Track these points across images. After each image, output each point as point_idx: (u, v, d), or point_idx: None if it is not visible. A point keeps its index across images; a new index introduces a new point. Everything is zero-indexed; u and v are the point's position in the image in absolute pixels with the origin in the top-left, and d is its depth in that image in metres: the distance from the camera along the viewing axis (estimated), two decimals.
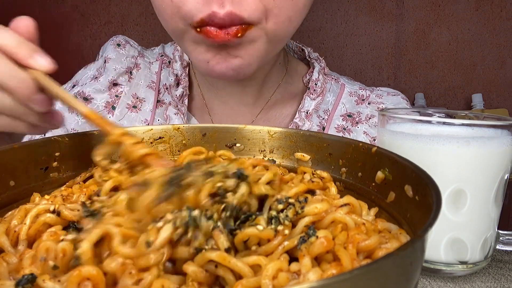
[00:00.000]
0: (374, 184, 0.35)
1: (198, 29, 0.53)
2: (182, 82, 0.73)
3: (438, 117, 0.47)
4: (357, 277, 0.18)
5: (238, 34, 0.53)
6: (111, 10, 1.47)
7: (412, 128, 0.43)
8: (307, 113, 0.71)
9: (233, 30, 0.52)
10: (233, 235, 0.27)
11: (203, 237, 0.26)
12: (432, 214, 0.23)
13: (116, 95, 0.72)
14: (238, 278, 0.25)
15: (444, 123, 0.42)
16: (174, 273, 0.26)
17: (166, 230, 0.25)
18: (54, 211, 0.31)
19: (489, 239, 0.43)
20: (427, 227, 0.22)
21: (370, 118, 0.73)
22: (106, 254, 0.25)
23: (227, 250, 0.25)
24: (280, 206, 0.29)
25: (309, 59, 0.77)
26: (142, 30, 1.51)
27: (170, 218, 0.26)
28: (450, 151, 0.40)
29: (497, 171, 0.41)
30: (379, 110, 0.47)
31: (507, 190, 0.43)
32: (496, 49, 1.65)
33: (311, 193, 0.34)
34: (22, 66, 0.40)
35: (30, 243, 0.30)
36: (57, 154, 0.39)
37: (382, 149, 0.35)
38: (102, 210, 0.29)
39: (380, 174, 0.34)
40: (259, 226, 0.27)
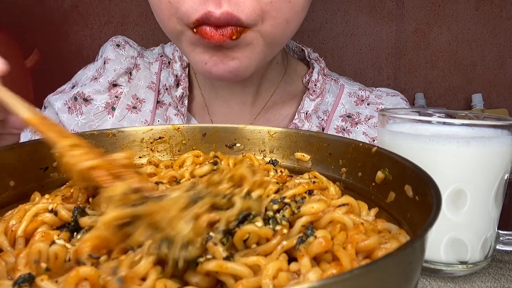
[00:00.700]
0: (374, 184, 0.35)
1: (194, 29, 0.53)
2: (182, 83, 0.73)
3: (438, 117, 0.47)
4: (357, 277, 0.18)
5: (233, 37, 0.53)
6: (111, 10, 1.47)
7: (412, 128, 0.43)
8: (307, 114, 0.71)
9: (228, 31, 0.52)
10: (232, 234, 0.27)
11: (197, 250, 0.25)
12: (432, 214, 0.23)
13: (116, 96, 0.72)
14: (239, 279, 0.25)
15: (444, 123, 0.42)
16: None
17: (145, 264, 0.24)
18: (52, 211, 0.31)
19: (489, 239, 0.43)
20: (427, 227, 0.22)
21: (369, 119, 0.73)
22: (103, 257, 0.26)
23: (227, 258, 0.25)
24: (275, 207, 0.29)
25: (309, 60, 0.77)
26: (142, 30, 1.51)
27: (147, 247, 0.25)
28: (450, 151, 0.40)
29: (497, 171, 0.41)
30: (379, 110, 0.46)
31: (507, 190, 0.43)
32: (496, 49, 1.65)
33: (309, 193, 0.34)
34: None
35: (28, 241, 0.30)
36: (57, 154, 0.39)
37: (382, 149, 0.35)
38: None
39: (380, 174, 0.34)
40: (258, 223, 0.27)
